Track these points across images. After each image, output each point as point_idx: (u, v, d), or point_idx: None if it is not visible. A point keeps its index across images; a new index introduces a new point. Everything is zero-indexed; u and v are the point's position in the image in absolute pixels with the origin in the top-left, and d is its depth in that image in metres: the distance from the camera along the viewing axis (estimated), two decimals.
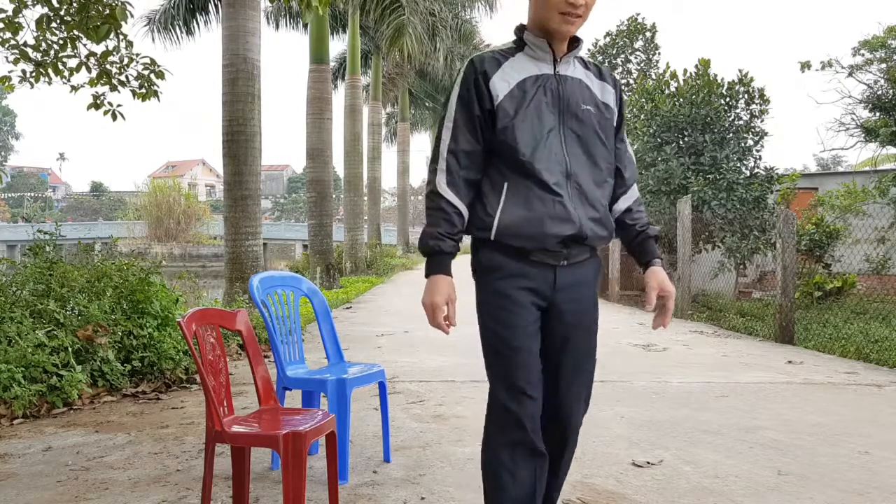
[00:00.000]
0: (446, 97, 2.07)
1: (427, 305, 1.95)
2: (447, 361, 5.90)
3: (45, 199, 73.78)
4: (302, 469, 2.27)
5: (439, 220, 1.93)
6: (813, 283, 10.33)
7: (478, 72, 1.96)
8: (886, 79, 12.04)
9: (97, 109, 6.54)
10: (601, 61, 17.36)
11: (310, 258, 15.03)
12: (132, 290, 5.19)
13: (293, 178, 79.72)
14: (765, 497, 2.84)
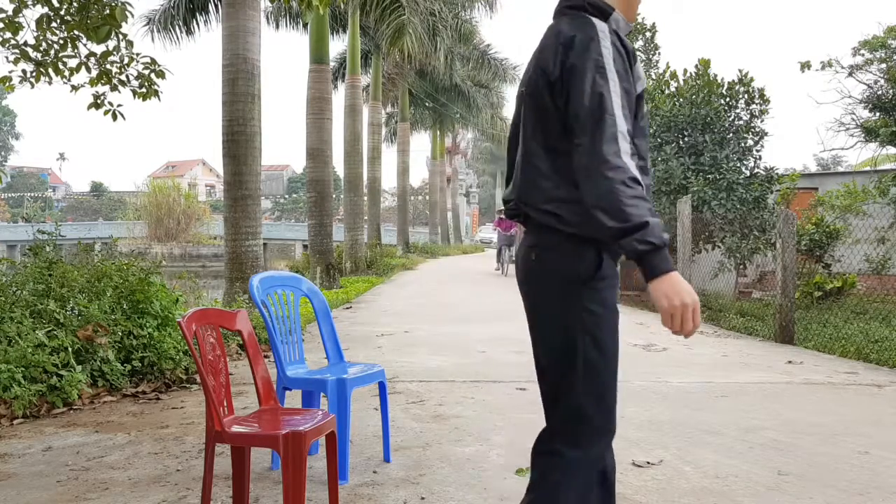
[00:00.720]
0: (585, 63, 1.70)
1: (685, 306, 1.63)
2: (447, 361, 5.90)
3: (45, 199, 73.76)
4: (302, 469, 2.27)
5: (648, 208, 1.62)
6: (813, 283, 10.33)
7: (629, 52, 1.75)
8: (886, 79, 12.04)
9: (97, 109, 6.53)
10: None
11: (310, 258, 15.02)
12: (132, 290, 5.19)
13: (293, 178, 79.71)
14: (765, 497, 2.84)
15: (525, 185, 1.84)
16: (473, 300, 11.90)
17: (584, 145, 1.68)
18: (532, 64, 1.84)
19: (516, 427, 3.84)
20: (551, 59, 1.75)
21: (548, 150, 1.80)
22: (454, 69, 26.64)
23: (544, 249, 1.81)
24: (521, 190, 1.85)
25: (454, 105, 31.04)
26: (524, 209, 1.84)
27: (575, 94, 1.70)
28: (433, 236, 36.92)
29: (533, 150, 1.82)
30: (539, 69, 1.78)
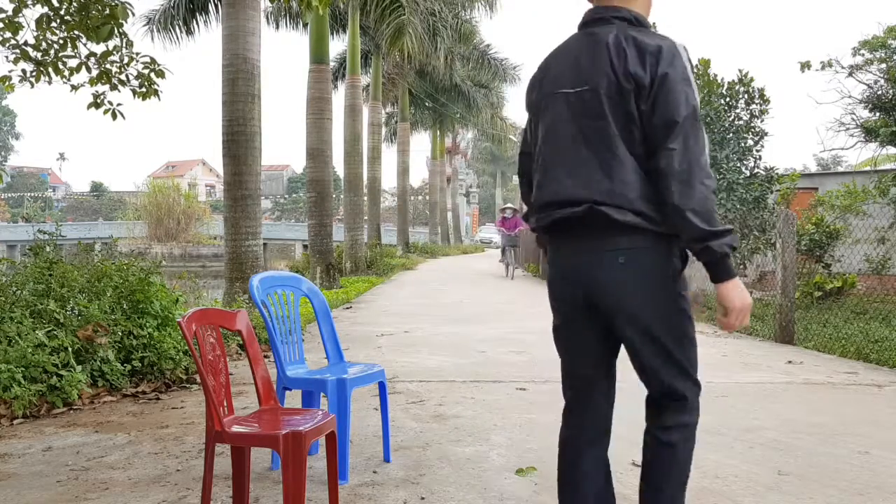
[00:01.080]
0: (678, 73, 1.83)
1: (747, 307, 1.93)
2: (447, 361, 5.90)
3: (45, 199, 73.76)
4: (302, 469, 2.27)
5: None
6: (813, 283, 10.33)
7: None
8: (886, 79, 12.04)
9: (97, 109, 6.53)
10: None
11: (310, 258, 15.02)
12: (132, 290, 5.19)
13: (293, 178, 79.71)
14: (765, 497, 2.84)
15: (608, 186, 1.86)
16: (473, 300, 11.91)
17: (679, 151, 1.79)
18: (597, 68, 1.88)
19: (516, 427, 3.84)
20: (640, 67, 1.83)
21: (632, 154, 1.86)
22: (454, 69, 26.65)
23: (636, 251, 1.89)
24: (601, 191, 1.86)
25: (454, 105, 31.04)
26: (604, 210, 1.85)
27: (670, 101, 1.80)
28: (433, 236, 36.92)
29: (614, 153, 1.87)
30: (626, 75, 1.83)
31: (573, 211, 1.90)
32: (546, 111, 1.99)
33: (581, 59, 1.93)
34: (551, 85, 1.99)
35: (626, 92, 1.84)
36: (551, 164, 1.98)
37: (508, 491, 2.88)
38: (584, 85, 1.91)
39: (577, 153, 1.92)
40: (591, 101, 1.89)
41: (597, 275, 1.92)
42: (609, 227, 1.87)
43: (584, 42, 1.96)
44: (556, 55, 2.04)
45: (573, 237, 1.95)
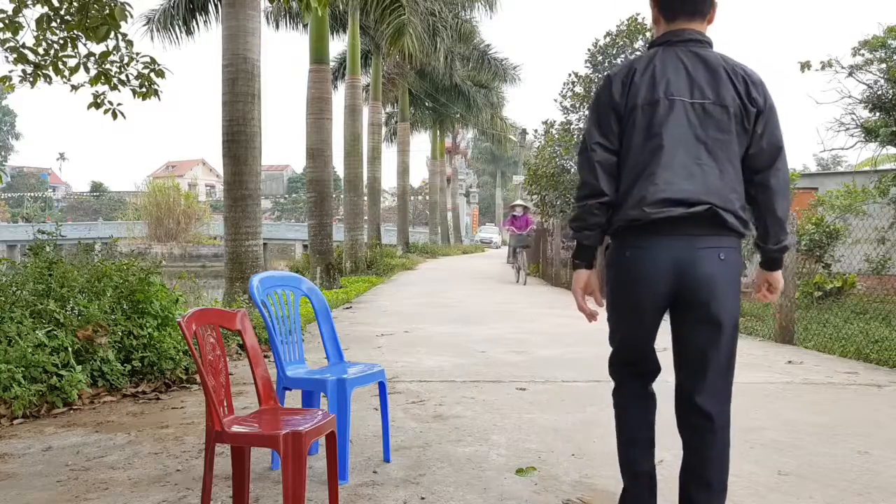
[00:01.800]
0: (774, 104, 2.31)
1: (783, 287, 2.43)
2: (447, 361, 5.90)
3: (45, 199, 73.76)
4: (302, 469, 2.27)
5: None
6: (813, 283, 10.33)
7: None
8: (886, 79, 12.04)
9: (97, 108, 6.54)
10: (601, 61, 17.35)
11: (310, 258, 15.02)
12: (132, 290, 5.19)
13: (293, 178, 79.71)
14: (765, 497, 2.84)
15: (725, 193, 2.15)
16: (473, 300, 11.90)
17: (783, 171, 2.24)
18: (731, 85, 2.19)
19: (516, 427, 3.84)
20: (757, 93, 2.21)
21: (737, 166, 2.20)
22: (454, 69, 26.63)
23: (731, 250, 2.20)
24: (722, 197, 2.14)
25: (454, 105, 31.03)
26: (722, 213, 2.13)
27: (777, 127, 2.24)
28: (433, 236, 36.91)
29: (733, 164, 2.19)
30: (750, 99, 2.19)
31: (693, 210, 2.12)
32: (657, 114, 2.18)
33: (695, 74, 2.20)
34: (665, 91, 2.18)
35: (749, 114, 2.19)
36: (673, 165, 2.15)
37: (508, 491, 2.88)
38: (707, 98, 2.17)
39: (698, 158, 2.16)
40: (718, 115, 2.17)
41: (696, 268, 2.14)
42: (719, 227, 2.15)
43: (690, 58, 2.22)
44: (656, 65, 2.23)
45: (683, 233, 2.14)
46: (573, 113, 17.82)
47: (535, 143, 21.45)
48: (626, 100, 2.23)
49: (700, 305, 2.17)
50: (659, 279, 2.17)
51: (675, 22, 2.28)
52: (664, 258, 2.15)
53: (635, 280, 2.22)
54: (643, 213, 2.14)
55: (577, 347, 6.74)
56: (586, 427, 3.85)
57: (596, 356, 6.22)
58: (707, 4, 2.28)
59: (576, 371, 5.52)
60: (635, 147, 2.20)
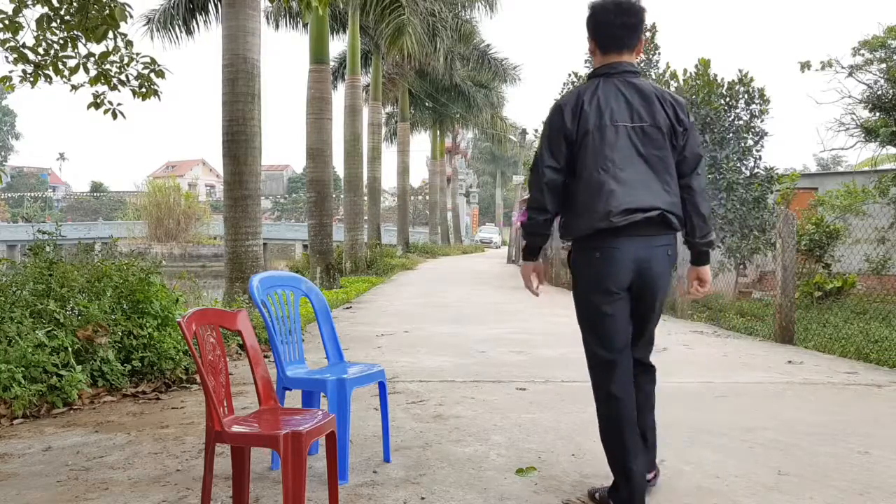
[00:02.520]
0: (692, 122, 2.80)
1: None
2: (447, 361, 5.90)
3: (45, 199, 73.77)
4: (302, 469, 2.27)
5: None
6: (813, 283, 10.33)
7: None
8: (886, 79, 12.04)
9: (97, 109, 6.53)
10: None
11: (310, 258, 15.02)
12: (132, 290, 5.18)
13: (293, 178, 79.72)
14: (765, 497, 2.84)
15: (670, 199, 2.62)
16: (473, 300, 11.90)
17: (702, 175, 2.73)
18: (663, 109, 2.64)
19: (516, 427, 3.84)
20: (682, 114, 2.69)
21: (673, 175, 2.66)
22: (454, 69, 26.62)
23: (674, 246, 2.70)
24: (668, 202, 2.61)
25: (454, 105, 31.03)
26: (669, 216, 2.61)
27: (696, 141, 2.74)
28: (433, 236, 36.90)
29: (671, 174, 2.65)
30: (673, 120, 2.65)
31: (648, 215, 2.57)
32: (605, 137, 2.59)
33: (633, 102, 2.63)
34: (610, 118, 2.60)
35: (677, 132, 2.66)
36: (626, 180, 2.57)
37: (508, 491, 2.88)
38: (645, 122, 2.62)
39: (644, 172, 2.61)
40: (655, 135, 2.62)
41: (651, 262, 2.62)
42: (667, 227, 2.64)
43: (627, 87, 2.65)
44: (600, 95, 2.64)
45: (639, 233, 2.58)
46: None
47: (535, 143, 21.44)
48: (578, 126, 2.63)
49: (651, 293, 2.68)
50: (624, 272, 2.61)
51: (608, 55, 2.73)
52: (628, 256, 2.60)
53: (607, 274, 2.62)
54: (611, 223, 2.55)
55: (577, 347, 6.71)
56: (586, 427, 3.85)
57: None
58: (635, 39, 2.72)
59: (576, 371, 5.52)
60: (589, 166, 2.61)
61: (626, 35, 2.71)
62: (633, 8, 2.70)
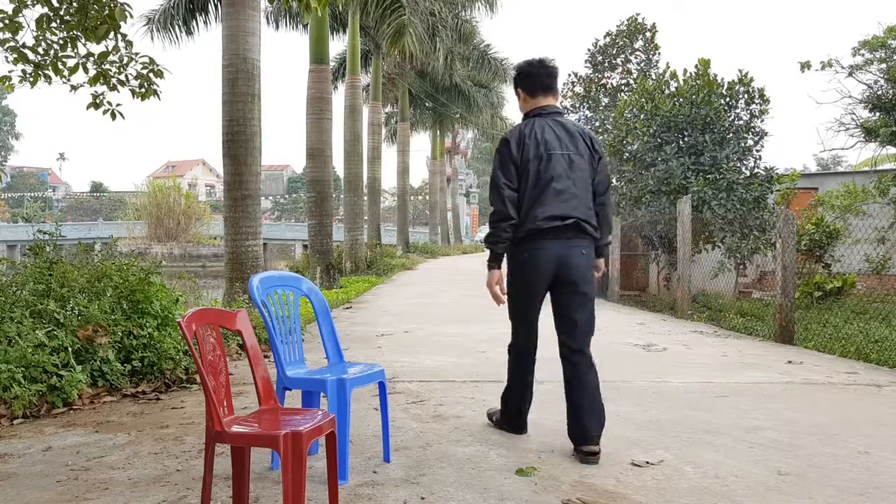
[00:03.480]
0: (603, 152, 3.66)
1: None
2: (447, 361, 5.90)
3: (45, 199, 73.76)
4: (302, 469, 2.27)
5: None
6: (813, 283, 10.33)
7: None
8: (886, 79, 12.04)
9: (97, 109, 6.53)
10: (601, 61, 17.33)
11: (310, 258, 15.02)
12: (132, 290, 5.18)
13: (293, 178, 79.72)
14: (765, 497, 2.84)
15: (586, 211, 3.39)
16: (473, 300, 11.90)
17: (609, 195, 3.54)
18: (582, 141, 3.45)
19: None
20: (598, 147, 3.51)
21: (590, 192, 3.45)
22: (454, 69, 26.63)
23: (589, 248, 3.43)
24: (583, 213, 3.38)
25: (454, 105, 31.02)
26: (584, 224, 3.36)
27: (607, 169, 3.56)
28: (433, 236, 36.90)
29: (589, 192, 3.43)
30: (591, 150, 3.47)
31: (566, 222, 3.33)
32: (542, 163, 3.36)
33: (561, 136, 3.42)
34: (545, 148, 3.38)
35: (595, 159, 3.47)
36: (553, 196, 3.33)
37: (508, 491, 2.88)
38: (571, 151, 3.41)
39: (569, 189, 3.36)
40: (578, 161, 3.41)
41: (570, 260, 3.35)
42: (582, 233, 3.38)
43: (556, 125, 3.46)
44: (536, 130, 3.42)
45: (559, 236, 3.34)
46: (573, 113, 17.80)
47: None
48: (521, 155, 3.40)
49: (572, 283, 3.36)
50: (548, 267, 3.35)
51: (537, 99, 3.54)
52: (551, 254, 3.33)
53: (533, 269, 3.37)
54: (537, 226, 3.31)
55: None
56: None
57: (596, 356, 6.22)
58: (556, 87, 3.59)
59: None
60: (530, 185, 3.37)
61: (550, 83, 3.56)
62: (552, 64, 3.61)
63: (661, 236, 11.42)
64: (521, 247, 3.39)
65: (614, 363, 5.85)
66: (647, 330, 8.01)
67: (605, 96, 17.35)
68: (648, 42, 17.12)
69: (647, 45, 17.12)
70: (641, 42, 17.12)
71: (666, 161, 10.98)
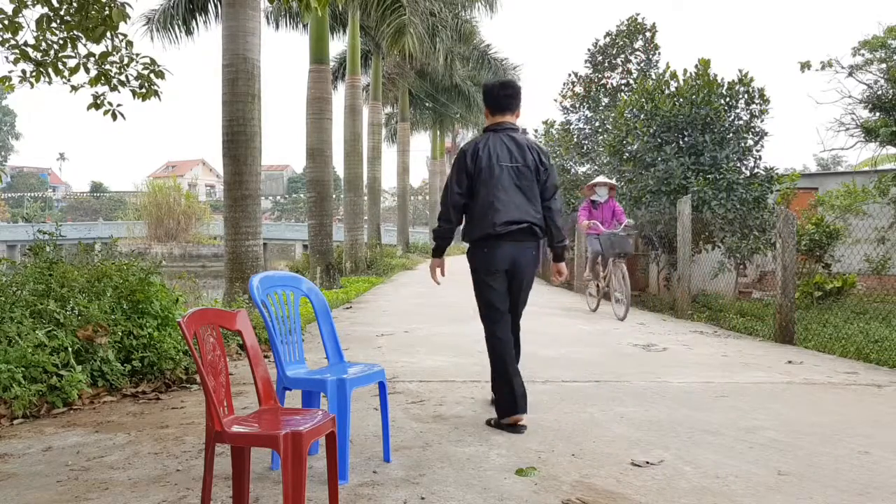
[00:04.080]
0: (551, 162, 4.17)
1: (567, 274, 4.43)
2: (447, 361, 5.90)
3: (45, 199, 73.77)
4: (302, 469, 2.27)
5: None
6: (813, 283, 10.33)
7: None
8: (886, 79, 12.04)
9: (97, 109, 6.53)
10: (601, 61, 17.33)
11: (310, 258, 15.03)
12: (132, 290, 5.18)
13: (293, 178, 79.71)
14: (765, 497, 2.84)
15: (535, 216, 3.90)
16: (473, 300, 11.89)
17: (559, 199, 4.03)
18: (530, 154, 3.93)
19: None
20: (544, 158, 3.99)
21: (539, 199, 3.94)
22: (454, 69, 26.63)
23: (536, 247, 3.97)
24: (534, 217, 3.89)
25: (454, 105, 31.02)
26: (534, 227, 3.88)
27: (553, 175, 4.02)
28: None
29: (537, 198, 3.93)
30: (538, 162, 3.94)
31: (521, 226, 3.85)
32: (493, 173, 3.85)
33: (512, 149, 3.91)
34: (496, 160, 3.87)
35: (540, 170, 3.94)
36: (506, 202, 3.84)
37: (508, 491, 2.88)
38: (519, 163, 3.89)
39: (518, 198, 3.87)
40: (526, 172, 3.90)
41: (520, 257, 3.90)
42: (532, 235, 3.91)
43: (508, 140, 3.94)
44: (490, 145, 3.91)
45: (513, 239, 3.86)
46: (573, 113, 17.81)
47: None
48: (475, 165, 3.88)
49: (521, 277, 3.95)
50: (502, 263, 3.89)
51: (496, 116, 4.03)
52: (506, 253, 3.88)
53: (490, 263, 3.90)
54: (495, 230, 3.83)
55: (578, 347, 6.74)
56: (586, 427, 3.85)
57: (596, 356, 6.23)
58: (514, 106, 4.03)
59: (576, 371, 5.52)
60: (482, 193, 3.86)
61: (507, 103, 4.02)
62: (512, 84, 4.09)
63: (661, 236, 11.42)
64: (480, 247, 3.93)
65: (614, 363, 5.85)
66: (647, 330, 8.01)
67: (605, 96, 17.36)
68: (648, 42, 17.12)
69: (647, 45, 17.12)
70: (641, 42, 17.12)
71: (666, 161, 10.98)
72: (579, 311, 10.09)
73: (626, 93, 16.04)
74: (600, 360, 6.05)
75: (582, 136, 17.04)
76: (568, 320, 8.92)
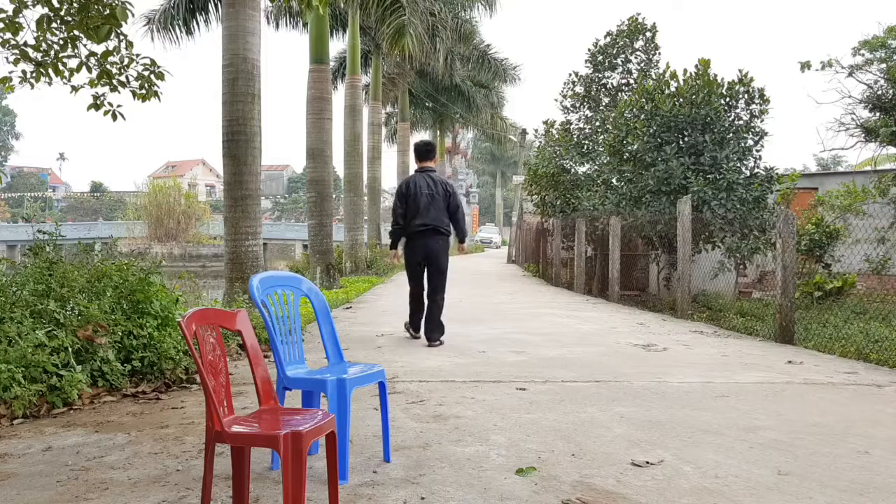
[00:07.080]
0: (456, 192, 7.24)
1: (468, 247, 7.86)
2: (447, 361, 5.91)
3: (45, 199, 73.75)
4: (302, 469, 2.27)
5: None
6: (813, 283, 10.33)
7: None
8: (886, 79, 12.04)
9: (97, 110, 6.52)
10: (601, 61, 17.32)
11: (310, 258, 15.03)
12: (132, 290, 5.18)
13: (293, 178, 79.73)
14: (765, 497, 2.84)
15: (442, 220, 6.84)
16: (473, 300, 11.90)
17: (462, 214, 7.08)
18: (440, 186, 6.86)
19: (516, 427, 3.84)
20: (450, 189, 6.93)
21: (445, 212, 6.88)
22: (454, 69, 26.62)
23: (446, 240, 7.01)
24: (438, 222, 6.81)
25: (454, 105, 31.02)
26: (439, 228, 6.83)
27: (457, 198, 7.02)
28: None
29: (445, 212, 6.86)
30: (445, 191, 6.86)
31: (434, 227, 6.80)
32: (419, 198, 6.75)
33: (430, 183, 6.82)
34: (420, 189, 6.78)
35: (447, 196, 6.86)
36: (424, 213, 6.74)
37: (508, 491, 2.88)
38: (434, 191, 6.79)
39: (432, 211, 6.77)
40: (439, 197, 6.80)
41: (434, 247, 6.86)
42: (438, 233, 6.84)
43: (427, 178, 6.87)
44: (416, 180, 6.87)
45: (428, 235, 6.79)
46: (573, 113, 17.80)
47: (535, 143, 21.44)
48: (408, 192, 6.80)
49: (436, 262, 6.87)
50: (420, 252, 6.86)
51: (421, 163, 6.99)
52: (421, 244, 6.84)
53: (413, 253, 6.90)
54: (415, 229, 6.77)
55: (577, 347, 6.74)
56: (586, 427, 3.85)
57: (596, 356, 6.24)
58: (431, 156, 7.05)
59: (576, 371, 5.52)
60: (411, 209, 6.77)
61: (427, 155, 7.01)
62: (429, 142, 7.20)
63: (661, 236, 11.42)
64: (408, 240, 6.90)
65: (614, 363, 5.85)
66: (647, 330, 8.01)
67: (606, 96, 17.36)
68: (648, 42, 17.11)
69: (648, 45, 17.11)
70: (642, 42, 17.11)
71: (666, 161, 10.98)
72: (579, 311, 10.09)
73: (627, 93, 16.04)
74: (600, 359, 6.05)
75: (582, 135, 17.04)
76: (568, 320, 8.93)
